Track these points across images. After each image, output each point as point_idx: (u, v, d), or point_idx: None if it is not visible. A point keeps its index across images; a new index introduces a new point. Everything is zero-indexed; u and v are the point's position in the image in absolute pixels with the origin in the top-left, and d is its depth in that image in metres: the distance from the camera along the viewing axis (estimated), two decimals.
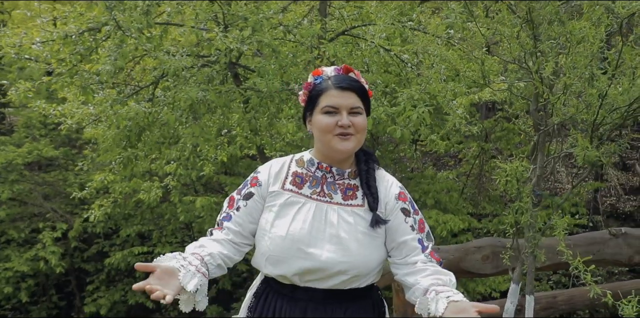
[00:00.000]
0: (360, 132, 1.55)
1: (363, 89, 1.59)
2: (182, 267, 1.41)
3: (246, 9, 3.61)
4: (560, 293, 3.40)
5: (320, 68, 1.66)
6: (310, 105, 1.60)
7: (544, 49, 2.23)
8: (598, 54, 2.20)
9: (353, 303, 1.59)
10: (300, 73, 4.10)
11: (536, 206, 2.69)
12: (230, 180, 7.36)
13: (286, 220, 1.58)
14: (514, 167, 2.61)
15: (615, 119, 2.30)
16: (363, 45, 4.69)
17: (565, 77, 2.23)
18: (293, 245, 1.54)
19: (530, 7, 2.16)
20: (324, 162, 1.62)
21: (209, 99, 3.60)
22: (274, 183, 1.63)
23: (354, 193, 1.61)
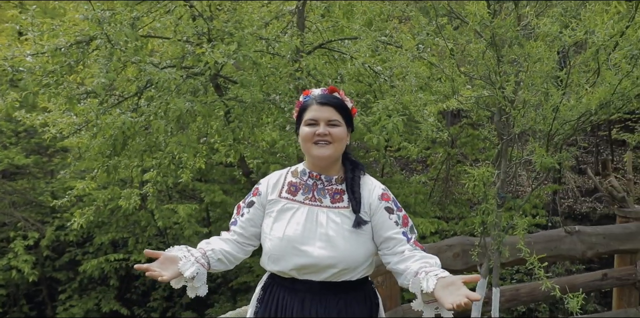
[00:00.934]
0: (337, 141, 1.82)
1: (342, 104, 1.87)
2: (184, 257, 1.74)
3: (231, 25, 3.86)
4: (522, 287, 3.77)
5: (310, 90, 1.96)
6: (298, 119, 1.90)
7: (505, 69, 2.57)
8: (552, 72, 2.56)
9: (346, 295, 1.86)
10: (281, 84, 4.37)
11: (500, 207, 3.03)
12: (206, 187, 7.55)
13: (283, 223, 1.86)
14: (481, 172, 2.93)
15: (567, 130, 2.66)
16: (337, 56, 5.02)
17: (524, 93, 2.57)
18: (289, 244, 1.81)
19: (494, 32, 2.50)
20: (313, 170, 1.89)
21: (197, 109, 3.82)
22: (272, 193, 1.92)
23: (340, 196, 1.88)
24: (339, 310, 1.83)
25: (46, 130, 4.70)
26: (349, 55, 4.74)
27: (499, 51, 2.60)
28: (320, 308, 1.82)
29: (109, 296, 8.41)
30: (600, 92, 2.33)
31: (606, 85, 2.36)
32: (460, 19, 2.75)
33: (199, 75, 4.15)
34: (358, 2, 4.96)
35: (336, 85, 4.67)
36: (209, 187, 7.53)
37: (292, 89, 4.13)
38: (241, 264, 8.28)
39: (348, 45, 4.64)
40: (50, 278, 8.52)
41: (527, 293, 3.73)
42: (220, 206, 7.94)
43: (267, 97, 4.16)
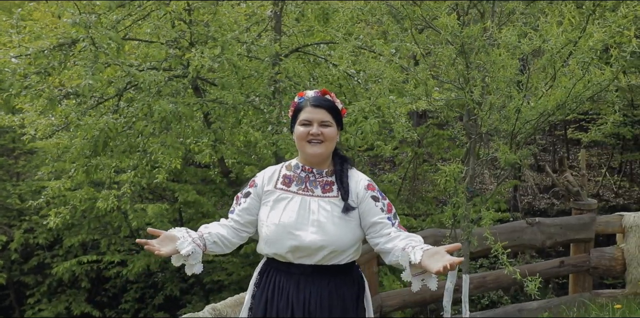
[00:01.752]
0: (329, 140, 2.07)
1: (334, 107, 2.12)
2: (182, 236, 1.94)
3: (214, 30, 4.06)
4: (488, 274, 4.10)
5: (304, 91, 2.20)
6: (293, 119, 2.14)
7: (473, 75, 2.87)
8: (514, 77, 2.87)
9: (335, 278, 2.11)
10: (260, 86, 4.59)
11: (469, 201, 3.34)
12: (179, 187, 7.67)
13: (278, 211, 2.09)
14: (452, 168, 3.23)
15: (528, 129, 2.98)
16: (312, 59, 5.26)
17: (490, 96, 2.87)
18: (284, 229, 2.04)
19: (464, 41, 2.79)
20: (306, 165, 2.14)
21: (181, 111, 4.00)
22: (268, 184, 2.15)
23: (330, 187, 2.13)
24: (329, 291, 2.08)
25: (25, 132, 4.77)
26: (323, 58, 5.00)
27: (468, 58, 2.90)
28: (313, 289, 2.06)
29: (79, 299, 8.41)
30: (556, 95, 2.65)
31: (562, 89, 2.68)
32: (433, 28, 3.04)
33: (181, 77, 4.32)
34: (331, 7, 5.23)
35: (311, 87, 4.92)
36: (183, 187, 7.66)
37: (271, 91, 4.35)
38: (214, 264, 8.42)
39: (323, 48, 4.89)
40: (18, 282, 8.46)
41: (493, 280, 4.07)
42: (194, 206, 8.07)
43: (246, 98, 4.37)
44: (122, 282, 8.63)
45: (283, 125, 4.20)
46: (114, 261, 7.75)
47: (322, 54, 5.01)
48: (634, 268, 4.24)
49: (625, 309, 3.59)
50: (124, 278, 8.26)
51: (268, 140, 4.32)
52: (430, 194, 9.03)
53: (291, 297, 2.07)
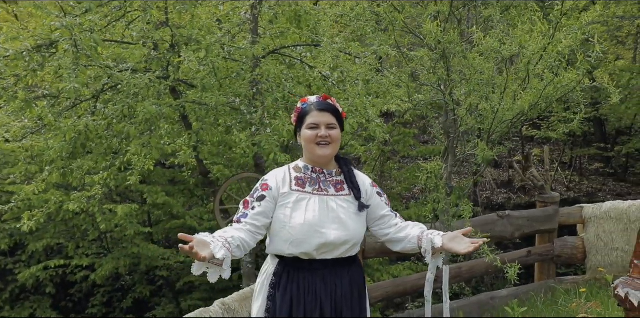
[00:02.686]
0: (335, 141, 2.26)
1: (337, 110, 2.31)
2: (212, 241, 1.97)
3: (197, 33, 4.16)
4: (464, 265, 4.37)
5: (307, 97, 2.38)
6: (299, 124, 2.31)
7: (454, 78, 3.11)
8: (491, 80, 3.13)
9: (351, 267, 2.33)
10: (240, 88, 4.71)
11: (449, 196, 3.59)
12: (148, 189, 7.64)
13: (301, 212, 2.23)
14: (433, 166, 3.46)
15: (503, 128, 3.25)
16: (287, 61, 5.41)
17: (469, 97, 3.12)
18: (311, 228, 2.20)
19: (445, 47, 3.03)
20: (315, 166, 2.31)
21: (165, 112, 4.08)
22: (283, 187, 2.27)
23: (342, 186, 2.33)
24: (350, 280, 2.30)
25: None
26: (299, 60, 5.16)
27: (449, 62, 3.13)
28: (337, 282, 2.27)
29: (44, 305, 8.25)
30: (530, 96, 2.92)
31: (534, 90, 2.95)
32: (415, 34, 3.26)
33: (161, 79, 4.39)
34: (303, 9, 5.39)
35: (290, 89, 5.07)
36: (152, 189, 7.64)
37: (252, 93, 4.48)
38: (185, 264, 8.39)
39: (300, 50, 5.05)
40: None
41: (468, 271, 4.34)
42: (163, 208, 8.05)
43: (227, 100, 4.48)
44: (88, 286, 8.52)
45: (266, 126, 4.33)
46: (82, 265, 7.65)
47: (298, 56, 5.18)
48: (593, 256, 4.62)
49: (587, 292, 3.92)
50: (90, 283, 8.16)
51: (251, 140, 4.44)
52: (395, 191, 9.33)
53: (319, 292, 2.23)
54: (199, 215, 8.26)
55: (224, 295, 8.92)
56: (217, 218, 5.31)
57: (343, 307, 2.26)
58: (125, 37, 4.85)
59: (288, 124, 4.40)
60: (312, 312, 2.23)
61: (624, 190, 11.78)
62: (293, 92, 4.97)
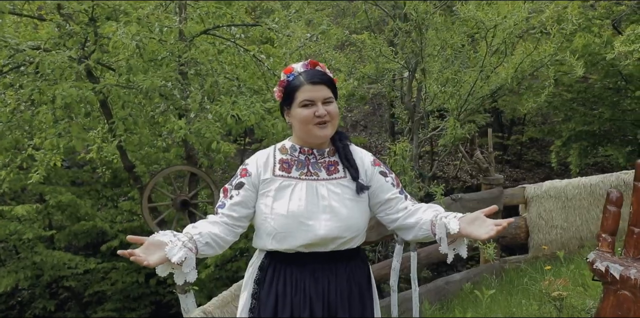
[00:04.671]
0: (334, 118, 1.85)
1: (331, 80, 1.90)
2: (170, 242, 1.64)
3: (126, 4, 3.56)
4: (421, 251, 4.20)
5: (290, 65, 1.96)
6: (287, 100, 1.87)
7: (430, 52, 2.88)
8: (466, 54, 2.94)
9: (350, 261, 1.92)
10: (169, 70, 4.16)
11: (419, 179, 3.36)
12: (50, 189, 6.71)
13: (284, 200, 1.83)
14: (401, 147, 3.22)
15: (476, 105, 3.08)
16: (217, 43, 4.91)
17: (445, 72, 2.91)
18: (295, 220, 1.80)
19: (423, 17, 2.78)
20: (305, 146, 1.90)
21: (87, 96, 3.46)
22: (265, 172, 1.88)
23: (335, 168, 1.91)
24: (347, 277, 1.89)
25: None
26: (233, 41, 4.70)
27: (423, 35, 2.89)
28: (331, 278, 1.86)
29: None
30: (507, 70, 2.76)
31: (512, 64, 2.81)
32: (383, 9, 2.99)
33: (82, 58, 3.74)
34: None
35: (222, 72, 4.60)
36: (54, 189, 6.72)
37: (188, 74, 3.97)
38: (94, 273, 7.51)
39: (234, 31, 4.58)
40: None
41: (425, 257, 4.18)
42: (67, 209, 7.13)
43: (160, 82, 3.92)
44: None
45: (207, 112, 3.85)
46: None
47: (230, 37, 4.71)
48: (535, 234, 4.66)
49: (553, 270, 3.88)
50: None
51: (187, 128, 3.92)
52: None
53: (308, 290, 1.83)
54: (110, 217, 7.45)
55: (140, 303, 8.15)
56: (145, 218, 4.69)
57: (338, 308, 1.86)
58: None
59: (231, 109, 3.95)
60: (300, 312, 1.85)
61: (519, 176, 12.51)
62: (229, 76, 4.51)
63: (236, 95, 4.18)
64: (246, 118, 3.81)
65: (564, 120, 9.49)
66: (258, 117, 4.01)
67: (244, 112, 3.85)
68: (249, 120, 3.80)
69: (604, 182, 4.60)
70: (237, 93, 4.21)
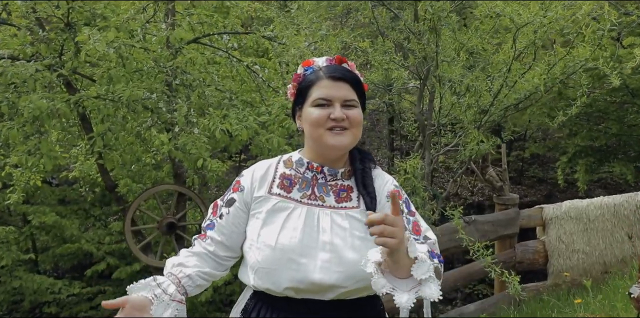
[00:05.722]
0: (356, 126, 1.41)
1: (357, 79, 1.47)
2: (155, 296, 1.35)
3: (104, 7, 3.15)
4: None
5: (311, 58, 1.54)
6: (300, 98, 1.45)
7: (448, 55, 2.46)
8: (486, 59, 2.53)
9: (356, 313, 1.43)
10: (156, 81, 3.75)
11: (433, 200, 2.92)
12: (34, 209, 6.24)
13: (274, 228, 1.40)
14: (412, 164, 2.78)
15: (498, 116, 2.66)
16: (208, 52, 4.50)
17: (464, 79, 2.49)
18: (284, 255, 1.36)
19: (439, 16, 2.37)
20: (314, 161, 1.46)
21: (60, 109, 3.03)
22: (260, 188, 1.45)
23: (347, 194, 1.46)
24: None
25: None
26: (225, 50, 4.29)
27: (438, 37, 2.48)
28: None
29: None
30: (543, 74, 2.35)
31: (542, 68, 2.39)
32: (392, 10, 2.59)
33: (55, 67, 3.32)
34: None
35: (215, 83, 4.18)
36: (38, 209, 6.24)
37: (174, 85, 3.55)
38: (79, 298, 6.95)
39: (226, 40, 4.18)
40: None
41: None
42: (51, 231, 6.64)
43: (142, 94, 3.50)
44: None
45: (193, 126, 3.42)
46: None
47: (222, 46, 4.30)
48: (555, 259, 4.20)
49: (583, 302, 3.44)
50: None
51: (173, 144, 3.49)
52: None
53: None
54: (98, 238, 6.95)
55: None
56: (128, 241, 4.21)
57: None
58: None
59: (221, 122, 3.52)
60: None
61: (521, 193, 12.07)
62: (220, 86, 4.09)
63: (227, 108, 3.75)
64: (237, 133, 3.38)
65: (568, 135, 9.11)
66: (251, 131, 3.58)
67: (234, 126, 3.42)
68: (240, 135, 3.37)
69: (628, 202, 4.16)
70: (229, 106, 3.78)
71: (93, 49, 2.79)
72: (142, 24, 3.72)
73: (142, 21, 3.74)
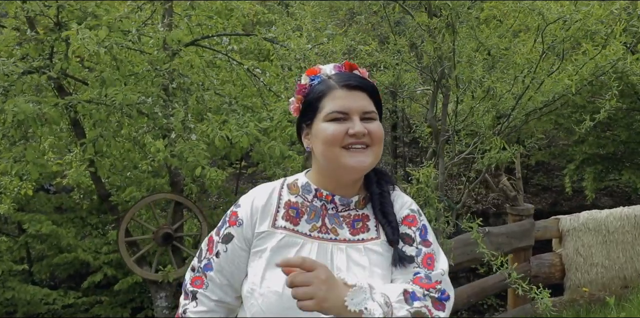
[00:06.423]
0: (378, 143, 1.19)
1: (374, 88, 1.24)
2: None
3: (96, 6, 2.93)
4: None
5: (316, 66, 1.27)
6: (308, 113, 1.21)
7: (468, 54, 2.23)
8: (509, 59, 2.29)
9: None
10: (153, 85, 3.53)
11: (449, 212, 2.68)
12: (29, 217, 5.99)
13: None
14: (425, 173, 2.54)
15: (521, 120, 2.41)
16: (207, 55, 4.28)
17: (485, 81, 2.25)
18: (293, 304, 1.08)
19: (457, 11, 2.14)
20: (324, 188, 1.22)
21: (47, 113, 2.80)
22: (262, 222, 1.22)
23: (364, 224, 1.22)
24: None
25: None
26: (225, 54, 4.06)
27: (455, 34, 2.25)
28: None
29: None
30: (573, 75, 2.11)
31: (571, 69, 2.16)
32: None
33: (43, 69, 3.09)
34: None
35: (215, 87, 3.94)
36: (33, 217, 5.99)
37: (170, 88, 3.32)
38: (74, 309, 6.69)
39: (225, 43, 3.95)
40: None
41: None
42: (47, 240, 6.39)
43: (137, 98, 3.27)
44: None
45: (191, 132, 3.18)
46: None
47: (222, 49, 4.07)
48: (572, 273, 3.94)
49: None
50: None
51: (169, 151, 3.25)
52: None
53: None
54: (95, 247, 6.69)
55: None
56: (121, 253, 3.96)
57: None
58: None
59: (220, 128, 3.28)
60: None
61: (525, 201, 11.77)
62: (220, 90, 3.85)
63: (227, 113, 3.52)
64: (237, 139, 3.14)
65: (575, 142, 8.87)
66: (252, 138, 3.34)
67: (235, 132, 3.18)
68: (240, 142, 3.13)
69: None
70: (229, 111, 3.55)
71: (82, 47, 2.55)
72: (137, 24, 3.50)
73: (138, 21, 3.52)
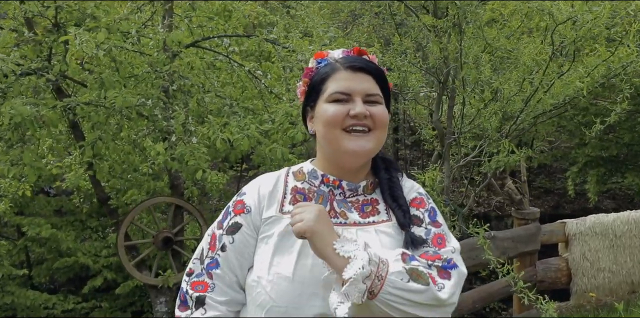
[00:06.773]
0: (380, 127, 1.16)
1: (381, 72, 1.20)
2: None
3: (95, 7, 2.86)
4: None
5: (325, 51, 1.25)
6: (312, 96, 1.18)
7: (475, 54, 2.16)
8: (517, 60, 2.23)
9: None
10: (153, 87, 3.46)
11: (455, 216, 2.61)
12: (28, 220, 5.92)
13: (290, 255, 1.11)
14: (431, 176, 2.47)
15: (529, 123, 2.35)
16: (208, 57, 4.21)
17: (493, 83, 2.18)
18: (305, 290, 1.08)
19: (464, 10, 2.07)
20: (330, 174, 1.18)
21: (45, 115, 2.73)
22: (269, 207, 1.17)
23: (373, 208, 1.19)
24: None
25: None
26: (226, 55, 4.00)
27: (462, 34, 2.18)
28: None
29: None
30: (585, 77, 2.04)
31: (582, 71, 2.09)
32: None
33: (42, 71, 3.02)
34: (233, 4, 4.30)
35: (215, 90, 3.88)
36: (33, 220, 5.92)
37: (170, 90, 3.25)
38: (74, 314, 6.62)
39: (226, 44, 3.88)
40: None
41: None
42: (46, 243, 6.32)
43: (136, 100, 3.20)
44: None
45: (191, 135, 3.11)
46: None
47: (223, 51, 4.00)
48: (579, 278, 3.86)
49: None
50: None
51: (169, 154, 3.18)
52: None
53: None
54: (94, 250, 6.61)
55: None
56: (121, 257, 3.90)
57: None
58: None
59: (221, 131, 3.21)
60: None
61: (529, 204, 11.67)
62: (220, 92, 3.79)
63: (228, 115, 3.45)
64: (238, 142, 3.07)
65: (578, 145, 8.80)
66: (253, 141, 3.28)
67: (236, 135, 3.11)
68: (241, 145, 3.06)
69: None
70: (229, 113, 3.48)
71: (80, 51, 2.48)
72: (137, 25, 3.43)
73: (138, 22, 3.46)
